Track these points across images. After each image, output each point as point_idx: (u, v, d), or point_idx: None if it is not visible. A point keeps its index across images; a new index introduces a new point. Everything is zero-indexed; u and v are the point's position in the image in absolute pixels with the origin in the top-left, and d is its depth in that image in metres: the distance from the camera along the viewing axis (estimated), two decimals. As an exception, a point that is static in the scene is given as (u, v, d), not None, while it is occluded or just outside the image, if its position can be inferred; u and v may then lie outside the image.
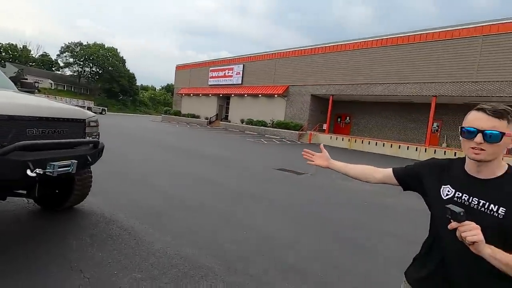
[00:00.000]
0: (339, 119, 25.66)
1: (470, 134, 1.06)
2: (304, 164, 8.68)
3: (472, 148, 1.05)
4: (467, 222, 0.93)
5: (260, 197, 5.50)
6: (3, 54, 55.97)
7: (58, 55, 60.54)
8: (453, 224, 0.95)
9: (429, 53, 17.56)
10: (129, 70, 64.74)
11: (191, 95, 36.13)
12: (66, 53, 58.98)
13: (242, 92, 29.18)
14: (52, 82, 55.40)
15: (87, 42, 60.09)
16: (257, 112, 27.92)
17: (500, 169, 1.08)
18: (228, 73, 31.18)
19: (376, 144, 19.36)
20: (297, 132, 23.24)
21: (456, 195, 1.14)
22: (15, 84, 3.76)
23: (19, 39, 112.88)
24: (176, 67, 39.90)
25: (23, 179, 2.44)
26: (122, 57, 63.49)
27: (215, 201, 4.95)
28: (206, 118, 33.21)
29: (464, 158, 1.17)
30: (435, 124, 19.95)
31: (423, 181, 1.29)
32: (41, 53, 66.14)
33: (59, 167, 2.59)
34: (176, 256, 2.85)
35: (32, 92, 3.84)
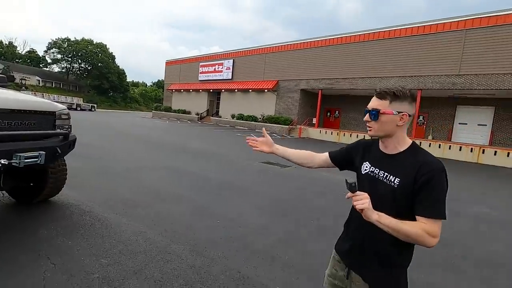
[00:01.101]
0: (328, 113, 25.88)
1: (365, 114, 1.23)
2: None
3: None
4: (358, 192, 1.05)
5: (240, 189, 5.60)
6: (-12, 50, 54.63)
7: (45, 51, 59.02)
8: (348, 194, 1.07)
9: (414, 47, 17.78)
10: (118, 66, 63.51)
11: (182, 90, 35.88)
12: (54, 49, 57.45)
13: (232, 88, 29.12)
14: (39, 79, 54.17)
15: (75, 38, 58.80)
16: (248, 107, 27.94)
17: (402, 146, 1.23)
18: (218, 68, 31.01)
19: (364, 137, 19.62)
20: (287, 126, 23.37)
21: (371, 169, 1.28)
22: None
23: (4, 35, 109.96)
24: (166, 62, 39.36)
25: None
26: (112, 53, 62.24)
27: (194, 193, 5.04)
28: (197, 114, 33.08)
29: None
30: (421, 117, 20.34)
31: (353, 160, 1.42)
32: (28, 49, 64.65)
33: (25, 158, 2.64)
34: (145, 243, 2.94)
35: (3, 86, 3.84)
